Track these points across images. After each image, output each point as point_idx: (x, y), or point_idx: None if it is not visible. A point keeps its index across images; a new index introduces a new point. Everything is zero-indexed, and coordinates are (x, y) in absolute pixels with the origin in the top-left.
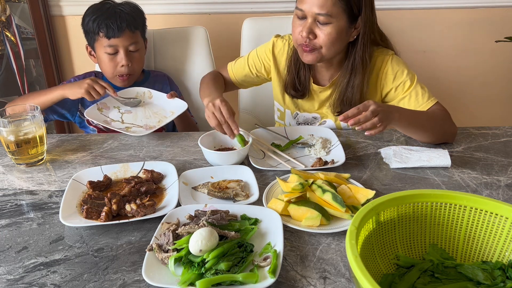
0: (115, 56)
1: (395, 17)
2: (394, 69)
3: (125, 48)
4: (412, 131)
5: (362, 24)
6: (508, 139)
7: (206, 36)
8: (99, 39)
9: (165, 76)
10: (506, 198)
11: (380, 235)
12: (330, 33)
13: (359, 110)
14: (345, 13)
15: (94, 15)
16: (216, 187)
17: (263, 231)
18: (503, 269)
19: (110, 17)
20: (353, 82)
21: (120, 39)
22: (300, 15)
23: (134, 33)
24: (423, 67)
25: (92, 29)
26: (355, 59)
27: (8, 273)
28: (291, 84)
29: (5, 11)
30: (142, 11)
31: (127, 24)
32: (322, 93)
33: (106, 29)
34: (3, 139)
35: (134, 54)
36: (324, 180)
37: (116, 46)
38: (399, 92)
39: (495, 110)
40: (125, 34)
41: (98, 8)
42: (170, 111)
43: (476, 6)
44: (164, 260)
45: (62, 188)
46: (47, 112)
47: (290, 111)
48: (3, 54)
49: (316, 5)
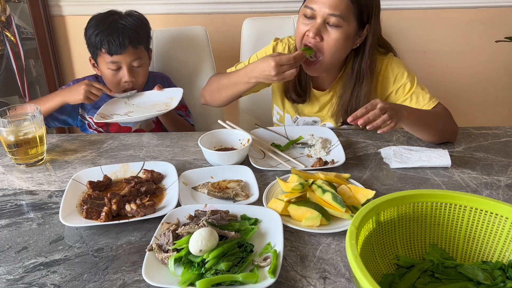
0: (118, 72)
1: (395, 17)
2: (394, 71)
3: (128, 65)
4: (419, 130)
5: (371, 33)
6: (508, 139)
7: (206, 36)
8: (102, 55)
9: (164, 77)
10: (506, 198)
11: (380, 235)
12: (337, 39)
13: (367, 109)
14: (355, 18)
15: (97, 30)
16: (216, 187)
17: (263, 231)
18: (503, 269)
19: (112, 33)
20: (358, 92)
21: (123, 56)
22: (309, 14)
23: (137, 49)
24: (423, 67)
25: (95, 43)
26: (360, 68)
27: (8, 273)
28: (292, 89)
29: (5, 11)
30: (147, 22)
31: (130, 41)
32: (322, 98)
33: (109, 46)
34: (3, 139)
35: (137, 69)
36: (324, 180)
37: (119, 62)
38: (400, 95)
39: (495, 110)
40: (128, 50)
41: (101, 21)
42: (168, 98)
43: (476, 6)
44: (164, 260)
45: (62, 188)
46: (47, 120)
47: (290, 115)
48: (3, 54)
49: (329, 6)
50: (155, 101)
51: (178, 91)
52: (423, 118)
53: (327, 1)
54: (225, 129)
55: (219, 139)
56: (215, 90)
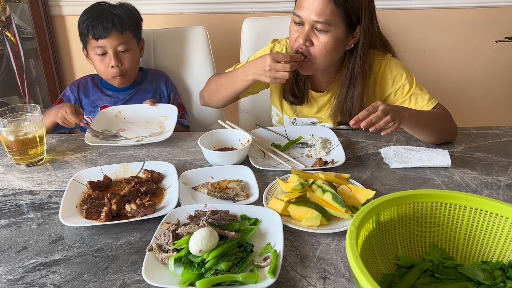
0: (104, 57)
1: (395, 17)
2: (393, 73)
3: (114, 49)
4: (420, 131)
5: (362, 34)
6: (508, 139)
7: (206, 36)
8: (89, 41)
9: (163, 75)
10: (506, 198)
11: (380, 235)
12: (326, 43)
13: (369, 111)
14: (343, 22)
15: (85, 17)
16: (216, 187)
17: (263, 231)
18: (503, 269)
19: (97, 18)
20: (352, 92)
21: (108, 40)
22: (298, 21)
23: (123, 34)
24: (423, 67)
25: (82, 30)
26: (354, 69)
27: (8, 273)
28: (289, 90)
29: (5, 11)
30: (136, 11)
31: (114, 25)
32: (321, 99)
33: (93, 31)
34: (3, 139)
35: (124, 54)
36: (324, 180)
37: (104, 47)
38: (399, 96)
39: (495, 110)
40: (112, 35)
41: (90, 10)
42: (161, 116)
43: (476, 6)
44: (164, 260)
45: (62, 188)
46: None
47: (288, 117)
48: (3, 54)
49: (314, 13)
50: (148, 118)
51: (172, 110)
52: (424, 119)
53: (312, 8)
54: (225, 129)
55: (219, 139)
56: (214, 89)
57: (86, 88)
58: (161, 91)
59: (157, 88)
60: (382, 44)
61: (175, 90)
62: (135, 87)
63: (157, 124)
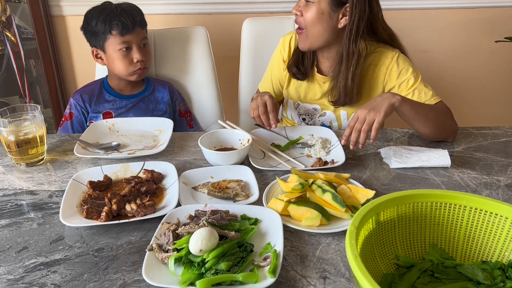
0: (129, 52)
1: (395, 17)
2: (400, 66)
3: (138, 44)
4: (415, 118)
5: (349, 13)
6: (508, 139)
7: (206, 36)
8: (111, 38)
9: (166, 85)
10: (506, 198)
11: (380, 235)
12: (311, 14)
13: (351, 127)
14: None
15: (102, 16)
16: (216, 187)
17: (263, 231)
18: (503, 269)
19: (117, 15)
20: (341, 72)
21: (133, 35)
22: None
23: (143, 29)
24: (423, 67)
25: (103, 29)
26: (342, 50)
27: (8, 273)
28: (294, 63)
29: (5, 11)
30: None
31: (136, 20)
32: (325, 84)
33: (121, 26)
34: (3, 139)
35: (145, 49)
36: (324, 180)
37: (130, 42)
38: (403, 89)
39: (495, 110)
40: (137, 30)
41: (102, 9)
42: (156, 130)
43: (476, 6)
44: (164, 260)
45: (62, 188)
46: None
47: (292, 102)
48: (3, 54)
49: None
50: (142, 132)
51: (168, 124)
52: (420, 108)
53: None
54: (225, 129)
55: (219, 139)
56: None
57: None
58: (165, 101)
59: (160, 99)
60: (388, 35)
61: (180, 98)
62: (138, 96)
63: (151, 137)
